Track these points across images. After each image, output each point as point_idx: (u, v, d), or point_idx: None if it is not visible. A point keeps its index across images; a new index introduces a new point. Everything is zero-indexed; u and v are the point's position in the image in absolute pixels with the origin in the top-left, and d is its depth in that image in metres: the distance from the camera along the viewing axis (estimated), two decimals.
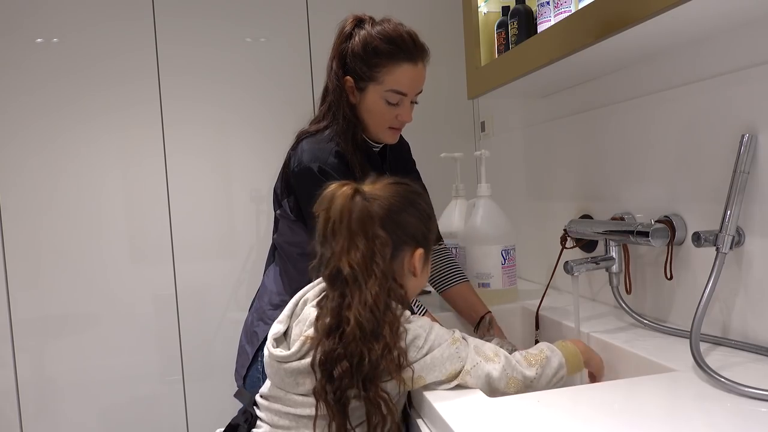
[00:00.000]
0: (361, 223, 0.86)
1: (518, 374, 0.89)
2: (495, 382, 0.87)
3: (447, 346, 0.87)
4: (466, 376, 0.87)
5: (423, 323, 0.89)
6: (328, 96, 1.26)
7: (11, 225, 1.86)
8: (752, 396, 0.75)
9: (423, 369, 0.86)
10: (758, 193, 0.92)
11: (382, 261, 0.86)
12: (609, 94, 1.30)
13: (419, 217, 0.94)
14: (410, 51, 1.20)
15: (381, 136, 1.27)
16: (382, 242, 0.87)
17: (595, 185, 1.37)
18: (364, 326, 0.83)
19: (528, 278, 1.72)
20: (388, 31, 1.20)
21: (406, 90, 1.21)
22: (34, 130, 1.87)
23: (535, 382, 0.90)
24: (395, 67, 1.19)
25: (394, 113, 1.24)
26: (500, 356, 0.90)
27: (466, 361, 0.87)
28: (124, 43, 1.92)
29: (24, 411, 1.87)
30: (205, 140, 1.97)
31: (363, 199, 0.88)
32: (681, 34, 1.00)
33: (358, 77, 1.22)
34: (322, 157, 1.19)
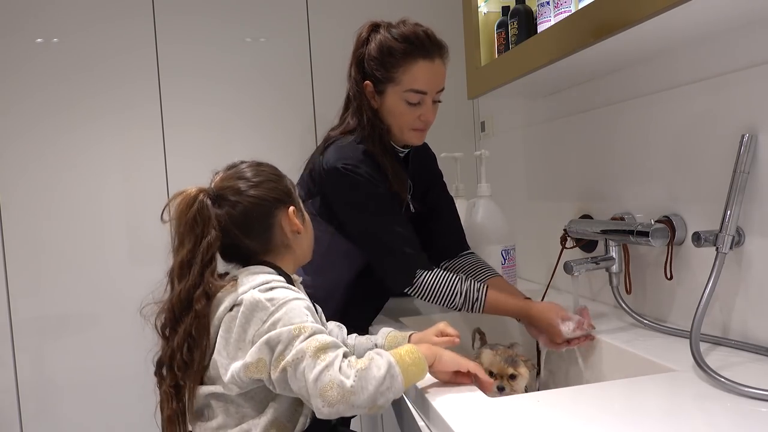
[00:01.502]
0: (194, 224, 0.91)
1: (336, 381, 0.79)
2: (310, 386, 0.79)
3: (287, 331, 0.83)
4: (286, 367, 0.81)
5: (281, 295, 0.87)
6: (351, 103, 1.26)
7: (12, 225, 1.86)
8: (752, 396, 0.75)
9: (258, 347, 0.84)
10: (758, 193, 0.92)
11: (200, 262, 0.90)
12: (609, 94, 1.30)
13: (273, 181, 0.98)
14: (425, 47, 1.18)
15: (405, 138, 1.25)
16: (209, 243, 0.90)
17: (595, 185, 1.37)
18: (168, 320, 0.90)
19: (528, 278, 1.72)
20: (403, 31, 1.19)
21: (424, 88, 1.19)
22: (34, 130, 1.87)
23: (354, 397, 0.79)
24: (411, 65, 1.18)
25: (416, 114, 1.21)
26: (328, 357, 0.81)
27: (292, 351, 0.81)
28: (124, 43, 1.92)
29: (24, 411, 1.87)
30: (205, 140, 1.97)
31: (208, 198, 0.92)
32: (681, 34, 1.00)
33: (377, 80, 1.21)
34: (350, 156, 1.19)
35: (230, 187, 0.94)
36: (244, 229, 0.94)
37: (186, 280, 0.90)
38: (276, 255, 0.98)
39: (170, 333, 0.90)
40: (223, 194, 0.94)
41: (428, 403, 0.83)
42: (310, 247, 1.05)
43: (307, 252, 1.04)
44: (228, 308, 0.89)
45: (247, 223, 0.94)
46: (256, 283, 0.89)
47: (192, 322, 0.88)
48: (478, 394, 0.85)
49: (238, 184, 0.95)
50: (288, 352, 0.82)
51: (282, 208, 0.97)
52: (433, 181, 1.42)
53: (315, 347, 0.81)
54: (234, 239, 0.93)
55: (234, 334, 0.87)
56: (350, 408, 0.80)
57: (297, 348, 0.82)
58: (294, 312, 0.86)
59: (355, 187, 1.18)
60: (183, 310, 0.89)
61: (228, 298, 0.89)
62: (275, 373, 0.83)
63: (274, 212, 0.96)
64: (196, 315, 0.89)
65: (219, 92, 1.99)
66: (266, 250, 0.97)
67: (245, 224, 0.94)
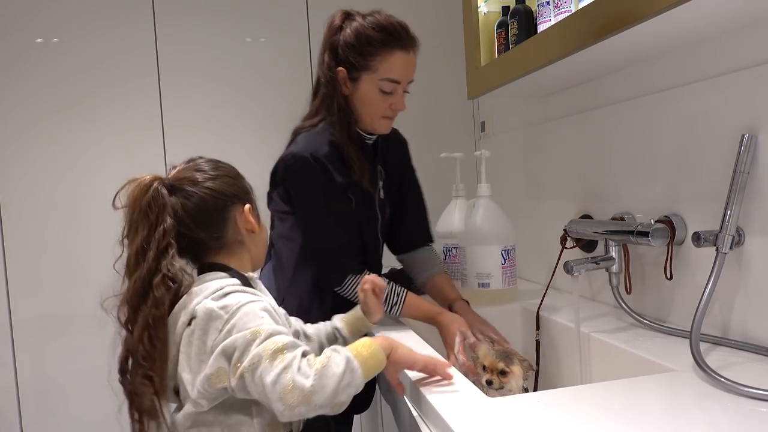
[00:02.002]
0: (148, 210, 0.89)
1: (296, 382, 0.78)
2: (269, 390, 0.78)
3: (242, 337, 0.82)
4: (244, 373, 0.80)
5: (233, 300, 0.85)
6: (321, 89, 1.28)
7: (12, 225, 1.86)
8: (752, 396, 0.75)
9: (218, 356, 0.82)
10: (758, 193, 0.92)
11: (155, 249, 0.87)
12: (609, 94, 1.30)
13: (231, 176, 0.97)
14: (402, 39, 1.22)
15: (375, 126, 1.28)
16: (165, 230, 0.88)
17: (595, 185, 1.37)
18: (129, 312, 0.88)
19: (528, 278, 1.72)
20: (380, 21, 1.22)
21: (399, 78, 1.23)
22: (35, 130, 1.87)
23: (316, 396, 0.78)
24: (389, 55, 1.21)
25: (388, 102, 1.25)
26: (285, 358, 0.79)
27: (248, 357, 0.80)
28: (124, 43, 1.92)
29: (24, 411, 1.87)
30: (205, 140, 1.97)
31: (163, 186, 0.90)
32: (681, 34, 1.00)
33: (352, 67, 1.23)
34: (315, 146, 1.21)
35: (187, 177, 0.93)
36: (198, 221, 0.91)
37: (141, 269, 0.87)
38: (229, 252, 0.95)
39: (132, 325, 0.88)
40: (178, 185, 0.92)
41: (428, 403, 0.83)
42: (264, 251, 1.03)
43: (261, 254, 1.02)
44: (185, 323, 0.87)
45: (201, 214, 0.92)
46: (209, 292, 0.87)
47: (149, 311, 0.86)
48: (478, 394, 0.84)
49: (195, 175, 0.93)
50: (245, 358, 0.80)
51: (238, 204, 0.96)
52: (406, 168, 1.45)
53: (271, 350, 0.80)
54: (187, 230, 0.91)
55: (194, 348, 0.85)
56: (312, 408, 0.79)
57: (253, 353, 0.80)
58: (248, 316, 0.84)
59: (312, 178, 1.21)
60: (139, 300, 0.87)
61: (183, 313, 0.87)
62: (234, 380, 0.81)
63: (229, 207, 0.94)
64: (155, 303, 0.86)
65: (219, 92, 1.99)
66: (219, 245, 0.95)
67: (199, 215, 0.91)
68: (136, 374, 0.86)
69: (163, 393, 0.88)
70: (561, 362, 1.25)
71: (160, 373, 0.87)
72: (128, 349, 0.88)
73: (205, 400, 0.85)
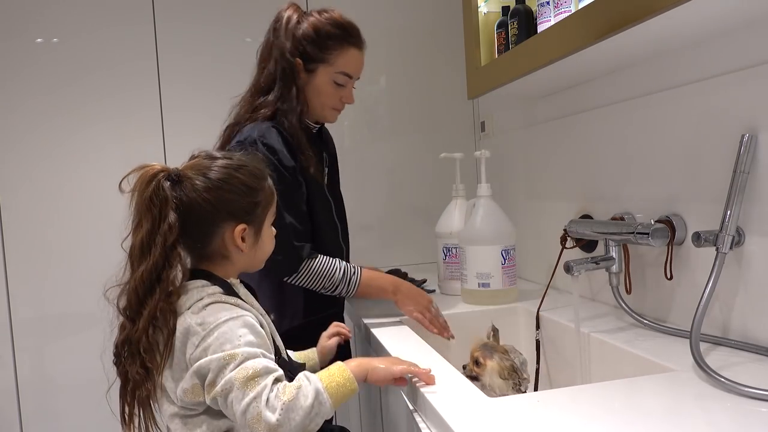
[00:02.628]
0: (150, 204, 0.87)
1: (262, 416, 0.78)
2: (238, 417, 0.79)
3: (217, 359, 0.81)
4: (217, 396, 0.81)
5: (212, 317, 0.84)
6: (276, 77, 1.30)
7: (12, 226, 1.86)
8: (752, 396, 0.75)
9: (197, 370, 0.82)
10: (758, 193, 0.92)
11: (162, 244, 0.86)
12: (609, 94, 1.30)
13: (236, 193, 0.91)
14: (357, 38, 1.32)
15: (324, 115, 1.36)
16: (170, 225, 0.86)
17: (595, 185, 1.37)
18: (128, 306, 0.87)
19: (528, 278, 1.72)
20: (336, 18, 1.30)
21: (353, 72, 1.32)
22: (35, 131, 1.88)
23: (282, 429, 0.78)
24: (346, 51, 1.30)
25: (339, 95, 1.33)
26: (256, 386, 0.79)
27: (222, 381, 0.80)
28: (124, 44, 1.92)
29: (24, 411, 1.87)
30: (205, 143, 1.97)
31: (167, 179, 0.88)
32: (681, 34, 1.00)
33: (309, 59, 1.29)
34: (262, 132, 1.24)
35: (191, 178, 0.90)
36: (183, 225, 0.88)
37: (147, 261, 0.86)
38: (211, 262, 0.93)
39: (135, 315, 0.87)
40: (182, 181, 0.90)
41: (428, 403, 0.83)
42: (258, 263, 0.99)
43: (250, 268, 0.98)
44: (169, 335, 0.86)
45: (188, 220, 0.89)
46: (189, 304, 0.87)
47: (157, 304, 0.85)
48: (478, 394, 0.85)
49: (198, 179, 0.90)
50: (218, 382, 0.80)
51: (230, 223, 0.91)
52: (335, 162, 1.51)
53: (243, 377, 0.79)
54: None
55: (175, 359, 0.86)
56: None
57: (226, 378, 0.80)
58: (225, 336, 0.82)
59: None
60: (146, 292, 0.86)
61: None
62: (208, 398, 0.82)
63: (219, 223, 0.91)
64: (165, 296, 0.86)
65: (219, 96, 1.98)
66: (200, 254, 0.93)
67: (186, 220, 0.88)
68: (134, 363, 0.86)
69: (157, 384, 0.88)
70: (561, 362, 1.25)
71: (158, 364, 0.86)
72: (129, 337, 0.87)
73: (186, 408, 0.86)
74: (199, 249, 0.93)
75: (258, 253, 0.97)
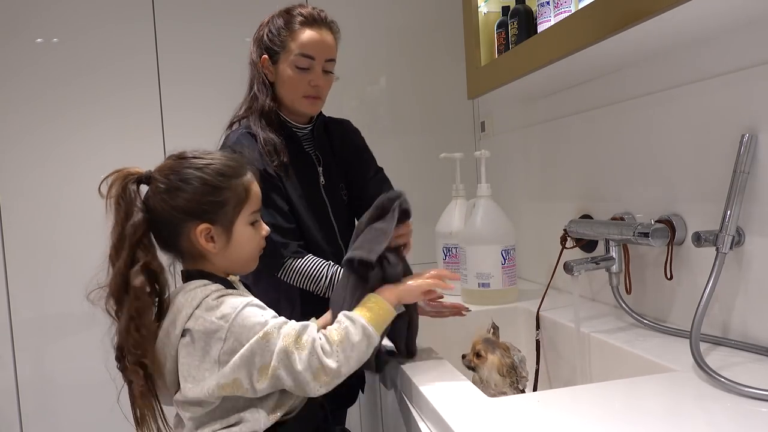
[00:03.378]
0: (118, 206, 0.91)
1: (324, 364, 0.83)
2: (302, 376, 0.83)
3: (256, 342, 0.83)
4: (276, 371, 0.83)
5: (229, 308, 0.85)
6: (250, 82, 1.33)
7: (12, 226, 1.86)
8: (752, 396, 0.75)
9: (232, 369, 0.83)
10: (758, 193, 0.92)
11: (129, 243, 0.89)
12: (609, 94, 1.30)
13: (196, 192, 0.91)
14: (314, 19, 1.29)
15: (298, 106, 1.31)
16: (134, 224, 0.89)
17: (595, 185, 1.37)
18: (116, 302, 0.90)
19: (528, 278, 1.72)
20: (298, 10, 1.29)
21: (311, 52, 1.27)
22: (35, 131, 1.87)
23: (344, 369, 0.85)
24: (299, 33, 1.27)
25: (306, 79, 1.28)
26: (306, 342, 0.84)
27: (273, 355, 0.83)
28: (124, 45, 1.92)
29: (24, 411, 1.87)
30: (205, 143, 1.96)
31: (135, 182, 0.92)
32: (681, 34, 1.00)
33: (272, 52, 1.29)
34: (235, 138, 1.26)
35: (156, 179, 0.92)
36: (154, 226, 0.91)
37: (119, 262, 0.89)
38: (195, 261, 0.94)
39: (119, 316, 0.89)
40: (151, 183, 0.92)
41: (428, 403, 0.83)
42: (241, 263, 0.97)
43: (235, 267, 0.97)
44: (179, 335, 0.87)
45: (155, 222, 0.91)
46: (196, 303, 0.87)
47: (132, 304, 0.87)
48: (479, 394, 0.85)
49: (161, 180, 0.91)
50: (270, 358, 0.83)
51: (192, 223, 0.90)
52: (357, 155, 1.45)
53: (292, 341, 0.84)
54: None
55: (196, 359, 0.85)
56: (343, 377, 0.85)
57: (277, 350, 0.83)
58: (250, 319, 0.84)
59: None
60: (121, 293, 0.88)
61: (175, 324, 0.87)
62: (262, 382, 0.83)
63: (181, 224, 0.91)
64: (135, 295, 0.87)
65: (219, 95, 1.98)
66: (180, 254, 0.95)
67: (154, 222, 0.91)
68: (128, 361, 0.88)
69: (158, 375, 0.89)
70: (561, 362, 1.25)
71: (152, 357, 0.87)
72: (121, 338, 0.89)
73: (207, 404, 0.87)
74: (173, 249, 0.94)
75: (235, 253, 0.94)
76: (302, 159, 1.33)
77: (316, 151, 1.37)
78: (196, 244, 0.91)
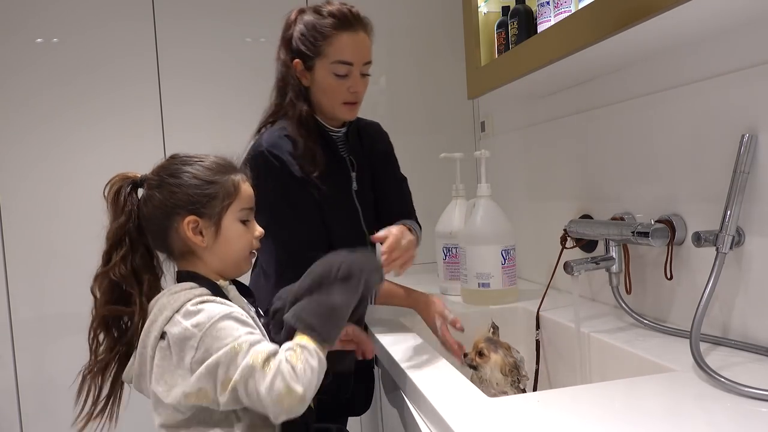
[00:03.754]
0: (113, 206, 0.97)
1: (290, 389, 0.80)
2: (263, 397, 0.80)
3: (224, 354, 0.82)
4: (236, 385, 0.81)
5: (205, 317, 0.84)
6: (278, 83, 1.30)
7: (12, 225, 1.86)
8: (752, 396, 0.75)
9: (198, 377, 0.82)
10: (758, 193, 0.92)
11: (108, 245, 0.95)
12: (609, 94, 1.30)
13: (184, 185, 0.92)
14: (348, 20, 1.22)
15: (337, 113, 1.28)
16: (119, 224, 0.95)
17: (595, 185, 1.37)
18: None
19: (528, 278, 1.72)
20: (328, 9, 1.23)
21: (350, 59, 1.23)
22: (35, 130, 1.88)
23: (308, 393, 0.81)
24: (335, 38, 1.21)
25: (345, 86, 1.24)
26: (274, 365, 0.81)
27: (238, 370, 0.81)
28: (124, 44, 1.92)
29: (24, 411, 1.87)
30: (205, 142, 1.97)
31: (129, 184, 0.96)
32: (681, 34, 1.00)
33: (306, 57, 1.24)
34: (272, 140, 1.22)
35: (151, 179, 0.95)
36: (146, 224, 0.95)
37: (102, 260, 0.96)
38: (186, 261, 0.95)
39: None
40: (144, 184, 0.96)
41: (428, 403, 0.83)
42: (232, 261, 0.96)
43: (227, 266, 0.96)
44: (158, 337, 0.86)
45: (145, 219, 0.94)
46: (177, 306, 0.86)
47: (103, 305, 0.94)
48: (478, 394, 0.85)
49: (154, 179, 0.95)
50: (233, 372, 0.81)
51: (179, 215, 0.91)
52: (384, 160, 1.43)
53: (260, 360, 0.81)
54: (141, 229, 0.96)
55: (172, 363, 0.85)
56: (307, 403, 0.82)
57: (242, 365, 0.81)
58: (224, 331, 0.83)
59: (270, 173, 1.20)
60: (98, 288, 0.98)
61: (155, 326, 0.87)
62: (224, 396, 0.82)
63: (169, 217, 0.92)
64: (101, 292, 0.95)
65: (219, 93, 1.99)
66: (170, 253, 0.96)
67: (143, 219, 0.95)
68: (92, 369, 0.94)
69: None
70: (561, 362, 1.25)
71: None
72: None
73: (179, 412, 0.86)
74: (164, 247, 0.95)
75: (224, 249, 0.94)
76: (337, 164, 1.30)
77: (350, 155, 1.34)
78: (185, 239, 0.92)
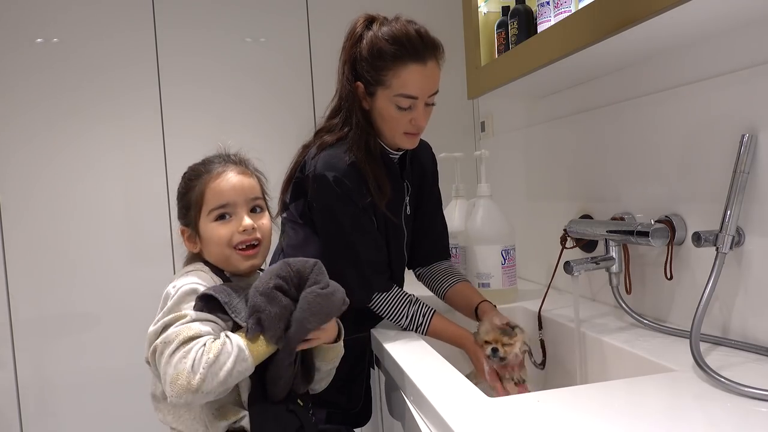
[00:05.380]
0: None
1: (186, 376, 0.80)
2: (163, 369, 0.82)
3: (168, 317, 0.87)
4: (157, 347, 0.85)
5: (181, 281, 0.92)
6: (343, 103, 1.22)
7: (12, 226, 1.86)
8: (752, 396, 0.75)
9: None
10: (758, 193, 0.92)
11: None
12: (609, 94, 1.30)
13: (177, 199, 1.04)
14: (417, 50, 1.12)
15: (398, 142, 1.21)
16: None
17: (595, 185, 1.37)
18: None
19: (528, 278, 1.72)
20: (394, 31, 1.13)
21: (415, 93, 1.14)
22: (35, 131, 1.88)
23: (205, 385, 0.81)
24: (401, 69, 1.12)
25: (407, 118, 1.16)
26: (191, 347, 0.82)
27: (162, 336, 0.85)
28: (124, 44, 1.92)
29: (24, 411, 1.87)
30: (204, 142, 1.96)
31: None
32: (681, 34, 1.00)
33: (368, 82, 1.16)
34: (338, 167, 1.15)
35: None
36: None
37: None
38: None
39: None
40: None
41: (428, 403, 0.83)
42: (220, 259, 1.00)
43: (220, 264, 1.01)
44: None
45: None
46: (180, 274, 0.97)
47: None
48: (478, 394, 0.85)
49: None
50: (163, 333, 0.85)
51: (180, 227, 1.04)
52: (432, 182, 1.41)
53: (185, 336, 0.83)
54: None
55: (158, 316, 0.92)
56: (199, 397, 0.82)
57: (169, 331, 0.85)
58: (181, 298, 0.89)
59: (335, 198, 1.16)
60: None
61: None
62: (148, 353, 0.86)
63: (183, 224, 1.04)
64: None
65: (219, 93, 1.99)
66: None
67: None
68: None
69: None
70: (561, 362, 1.25)
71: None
72: None
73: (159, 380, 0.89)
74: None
75: (209, 250, 1.00)
76: (397, 189, 1.26)
77: (406, 180, 1.30)
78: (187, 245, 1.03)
